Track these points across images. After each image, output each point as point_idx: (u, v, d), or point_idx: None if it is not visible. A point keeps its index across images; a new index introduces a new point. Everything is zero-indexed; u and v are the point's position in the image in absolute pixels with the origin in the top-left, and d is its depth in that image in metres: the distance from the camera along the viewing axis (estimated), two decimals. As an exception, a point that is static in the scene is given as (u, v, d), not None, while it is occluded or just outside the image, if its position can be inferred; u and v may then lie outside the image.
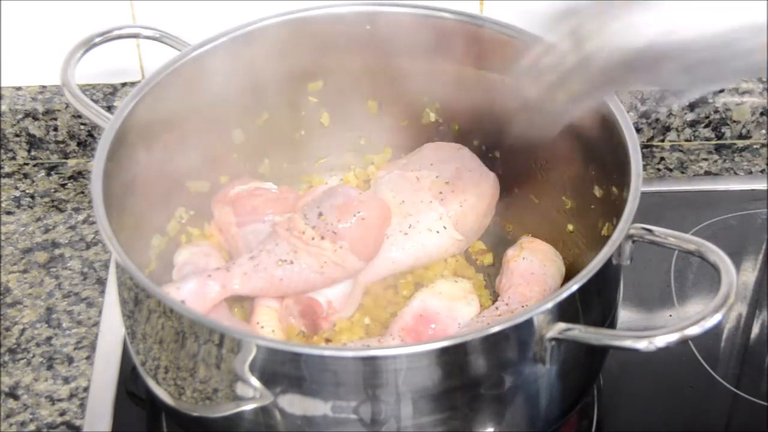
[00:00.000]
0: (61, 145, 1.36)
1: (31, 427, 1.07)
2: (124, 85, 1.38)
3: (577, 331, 0.85)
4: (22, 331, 1.16)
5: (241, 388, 0.87)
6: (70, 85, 1.10)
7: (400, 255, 1.11)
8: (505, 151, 1.18)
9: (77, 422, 1.07)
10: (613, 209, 1.00)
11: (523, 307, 1.05)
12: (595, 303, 0.93)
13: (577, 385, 0.97)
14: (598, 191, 1.06)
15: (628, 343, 0.84)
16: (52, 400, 1.09)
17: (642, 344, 0.83)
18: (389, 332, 1.04)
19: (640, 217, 0.92)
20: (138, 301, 0.92)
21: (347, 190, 1.09)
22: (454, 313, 1.05)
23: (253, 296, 1.06)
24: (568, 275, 1.10)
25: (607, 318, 0.97)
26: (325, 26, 1.14)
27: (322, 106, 1.20)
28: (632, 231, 0.92)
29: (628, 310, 1.16)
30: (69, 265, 1.23)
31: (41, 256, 1.24)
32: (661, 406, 1.08)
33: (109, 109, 1.33)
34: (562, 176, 1.12)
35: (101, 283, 1.21)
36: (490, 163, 1.17)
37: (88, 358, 1.13)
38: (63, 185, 1.34)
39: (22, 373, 1.12)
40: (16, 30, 1.33)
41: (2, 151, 1.36)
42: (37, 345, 1.14)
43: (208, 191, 1.15)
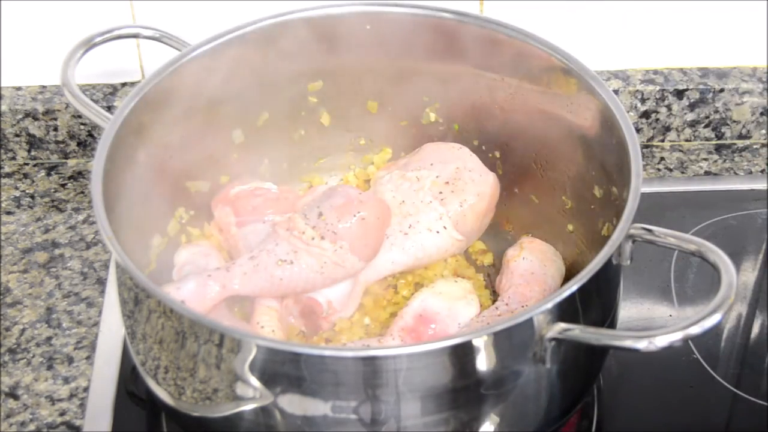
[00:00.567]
0: (61, 145, 1.36)
1: (31, 427, 1.07)
2: (124, 85, 1.38)
3: (577, 331, 0.85)
4: (22, 331, 1.16)
5: (241, 388, 0.87)
6: (70, 85, 1.10)
7: (400, 255, 1.11)
8: (505, 151, 1.18)
9: (77, 422, 1.07)
10: (613, 209, 1.00)
11: (523, 307, 1.04)
12: (595, 303, 0.93)
13: (577, 385, 0.97)
14: (598, 191, 1.06)
15: (628, 343, 0.84)
16: (52, 400, 1.09)
17: (642, 344, 0.83)
18: (389, 332, 1.04)
19: (640, 217, 0.92)
20: (138, 301, 0.92)
21: (347, 190, 1.09)
22: (454, 313, 1.05)
23: (253, 296, 1.06)
24: (568, 275, 1.10)
25: (607, 318, 0.97)
26: (325, 26, 1.14)
27: (322, 106, 1.20)
28: (632, 231, 0.92)
29: (628, 310, 1.16)
30: (69, 265, 1.23)
31: (41, 256, 1.24)
32: (661, 406, 1.08)
33: (109, 109, 1.33)
34: (562, 176, 1.12)
35: (101, 283, 1.21)
36: (490, 163, 1.17)
37: (88, 358, 1.13)
38: (63, 185, 1.34)
39: (22, 373, 1.12)
40: (16, 30, 1.33)
41: (2, 151, 1.36)
42: (37, 345, 1.14)
43: (208, 191, 1.15)
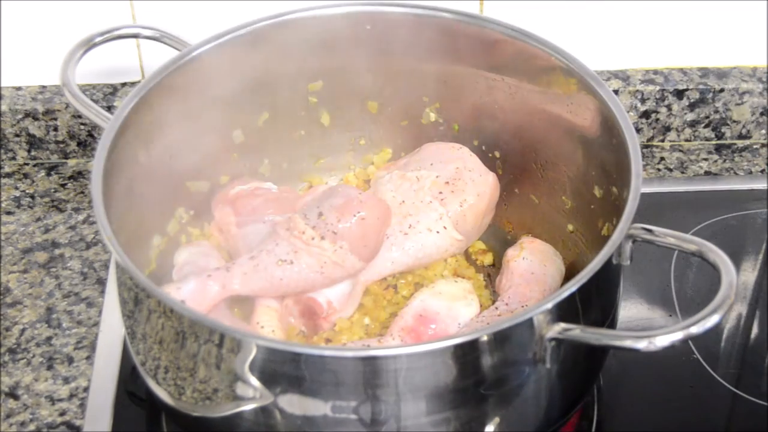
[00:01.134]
0: (61, 145, 1.36)
1: (31, 427, 1.07)
2: (124, 85, 1.38)
3: (577, 331, 0.85)
4: (22, 331, 1.16)
5: (241, 388, 0.87)
6: (70, 85, 1.10)
7: (400, 255, 1.11)
8: (505, 151, 1.18)
9: (77, 422, 1.07)
10: (613, 209, 1.00)
11: (523, 307, 1.04)
12: (595, 303, 0.93)
13: (577, 385, 0.97)
14: (598, 191, 1.06)
15: (628, 343, 0.84)
16: (52, 400, 1.09)
17: (642, 344, 0.83)
18: (389, 332, 1.04)
19: (640, 217, 0.92)
20: (138, 301, 0.92)
21: (347, 190, 1.08)
22: (454, 313, 1.05)
23: (253, 296, 1.06)
24: (568, 275, 1.10)
25: (607, 318, 0.97)
26: (325, 26, 1.14)
27: (322, 106, 1.20)
28: (632, 231, 0.92)
29: (628, 310, 1.16)
30: (69, 265, 1.23)
31: (41, 256, 1.24)
32: (661, 406, 1.08)
33: (109, 109, 1.33)
34: (562, 176, 1.12)
35: (101, 283, 1.21)
36: (490, 163, 1.17)
37: (88, 358, 1.13)
38: (63, 185, 1.34)
39: (22, 373, 1.12)
40: (16, 30, 1.33)
41: (2, 151, 1.36)
42: (37, 345, 1.14)
43: (208, 191, 1.15)
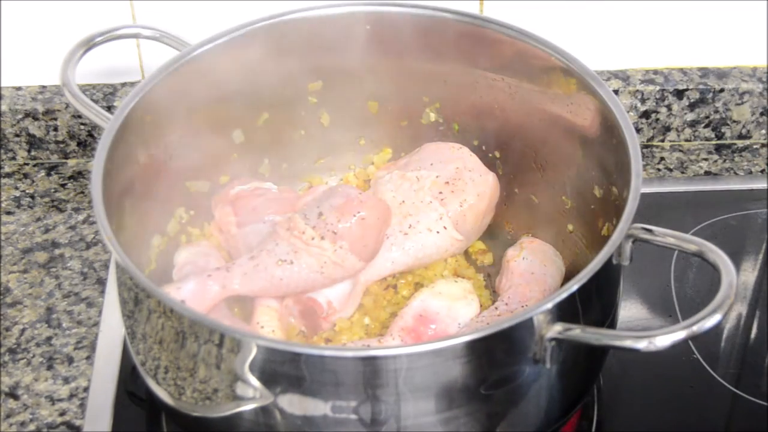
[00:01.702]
0: (61, 145, 1.36)
1: (31, 427, 1.07)
2: (124, 85, 1.38)
3: (577, 331, 0.85)
4: (22, 331, 1.16)
5: (241, 388, 0.87)
6: (70, 85, 1.10)
7: (400, 255, 1.11)
8: (505, 151, 1.18)
9: (77, 422, 1.07)
10: (613, 209, 1.00)
11: (523, 307, 1.04)
12: (595, 303, 0.93)
13: (577, 385, 0.97)
14: (598, 191, 1.06)
15: (628, 343, 0.84)
16: (52, 400, 1.09)
17: (642, 344, 0.83)
18: (389, 332, 1.04)
19: (640, 217, 0.92)
20: (138, 301, 0.92)
21: (347, 190, 1.08)
22: (454, 313, 1.05)
23: (253, 296, 1.06)
24: (568, 275, 1.10)
25: (607, 318, 0.97)
26: (325, 26, 1.14)
27: (322, 106, 1.20)
28: (632, 231, 0.92)
29: (628, 310, 1.16)
30: (69, 265, 1.23)
31: (41, 256, 1.24)
32: (661, 406, 1.08)
33: (109, 109, 1.33)
34: (562, 176, 1.12)
35: (101, 283, 1.21)
36: (490, 163, 1.17)
37: (88, 358, 1.13)
38: (63, 185, 1.34)
39: (22, 373, 1.12)
40: (16, 30, 1.33)
41: (2, 151, 1.36)
42: (37, 345, 1.14)
43: (208, 191, 1.15)
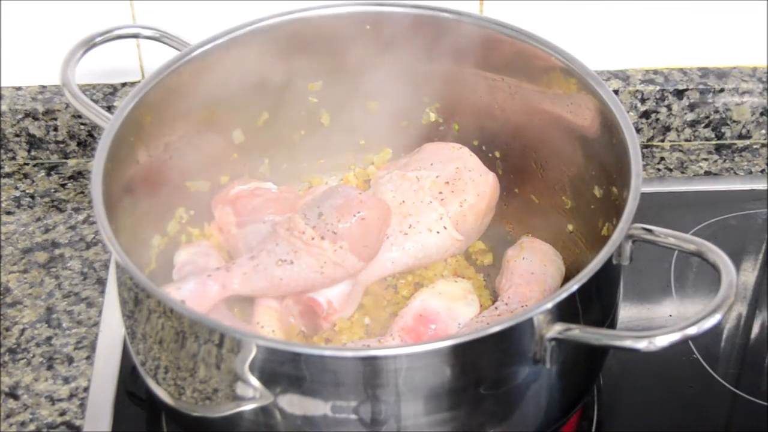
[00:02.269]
0: (61, 145, 1.36)
1: (31, 427, 1.07)
2: (124, 85, 1.38)
3: (577, 331, 0.85)
4: (22, 331, 1.16)
5: (241, 388, 0.87)
6: (70, 85, 1.10)
7: (400, 255, 1.11)
8: (505, 151, 1.18)
9: (77, 422, 1.07)
10: (613, 209, 1.00)
11: (523, 307, 1.04)
12: (595, 303, 0.93)
13: (577, 385, 0.97)
14: (598, 191, 1.06)
15: (628, 343, 0.84)
16: (52, 400, 1.09)
17: (642, 344, 0.83)
18: (389, 332, 1.04)
19: (640, 217, 0.92)
20: (138, 301, 0.92)
21: (347, 190, 1.08)
22: (454, 313, 1.05)
23: (253, 296, 1.06)
24: (568, 275, 1.10)
25: (607, 318, 0.97)
26: (325, 26, 1.14)
27: (322, 106, 1.20)
28: (632, 231, 0.92)
29: (628, 310, 1.16)
30: (69, 265, 1.23)
31: (41, 256, 1.24)
32: (661, 406, 1.08)
33: (109, 109, 1.33)
34: (562, 176, 1.12)
35: (101, 283, 1.21)
36: (490, 163, 1.17)
37: (88, 358, 1.13)
38: (63, 185, 1.34)
39: (22, 373, 1.11)
40: (16, 30, 1.33)
41: (2, 151, 1.36)
42: (37, 345, 1.14)
43: (208, 191, 1.15)
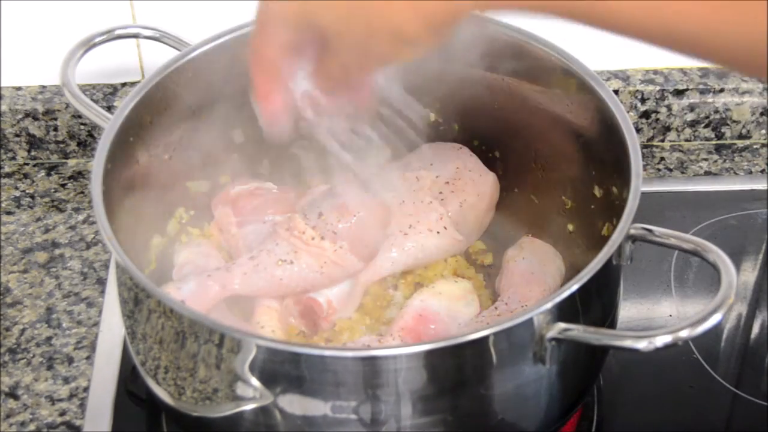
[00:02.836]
0: (61, 145, 1.36)
1: (31, 427, 1.07)
2: (124, 85, 1.38)
3: (577, 331, 0.85)
4: (22, 331, 1.16)
5: (241, 388, 0.87)
6: (70, 85, 1.10)
7: (400, 255, 1.10)
8: (505, 151, 1.18)
9: (77, 422, 1.07)
10: (613, 209, 1.00)
11: (523, 307, 1.04)
12: (595, 303, 0.93)
13: (577, 385, 0.97)
14: (598, 191, 1.06)
15: (628, 343, 0.84)
16: (52, 400, 1.09)
17: (642, 344, 0.83)
18: (389, 332, 1.04)
19: (640, 217, 0.92)
20: (138, 301, 0.92)
21: (347, 190, 1.08)
22: (454, 313, 1.05)
23: (253, 296, 1.06)
24: (568, 275, 1.10)
25: (607, 318, 0.97)
26: (325, 26, 1.13)
27: (322, 106, 1.20)
28: (632, 231, 0.92)
29: (628, 310, 1.16)
30: (69, 265, 1.23)
31: (41, 256, 1.24)
32: (661, 406, 1.08)
33: (109, 109, 1.33)
34: (562, 176, 1.12)
35: (101, 283, 1.21)
36: (490, 163, 1.17)
37: (88, 358, 1.13)
38: (63, 185, 1.34)
39: (22, 373, 1.12)
40: (16, 30, 1.33)
41: (2, 151, 1.36)
42: (37, 345, 1.14)
43: (208, 191, 1.15)
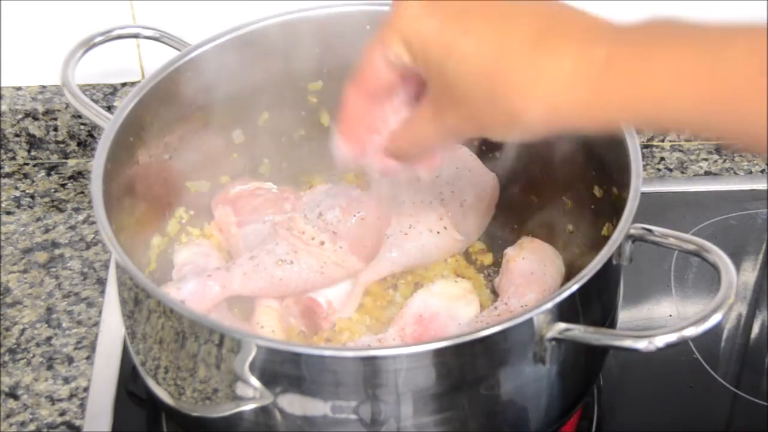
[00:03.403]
0: (61, 145, 1.36)
1: (31, 427, 1.07)
2: (124, 85, 1.38)
3: (577, 331, 0.85)
4: (22, 331, 1.16)
5: (241, 388, 0.87)
6: (70, 85, 1.10)
7: (400, 255, 1.10)
8: (505, 151, 1.18)
9: (77, 422, 1.07)
10: (613, 209, 1.00)
11: (523, 307, 1.04)
12: (595, 303, 0.93)
13: (577, 385, 0.97)
14: (598, 191, 1.06)
15: (628, 343, 0.84)
16: (52, 400, 1.09)
17: (642, 344, 0.83)
18: (389, 332, 1.04)
19: (640, 217, 0.92)
20: (138, 301, 0.92)
21: (347, 190, 1.09)
22: (454, 313, 1.05)
23: (253, 296, 1.06)
24: (568, 275, 1.10)
25: (607, 318, 0.97)
26: (325, 26, 1.13)
27: (322, 106, 1.20)
28: (632, 231, 0.92)
29: (628, 310, 1.16)
30: (69, 265, 1.23)
31: (41, 256, 1.24)
32: (661, 406, 1.08)
33: (109, 109, 1.33)
34: (562, 176, 1.12)
35: (101, 283, 1.21)
36: (490, 163, 1.17)
37: (88, 358, 1.13)
38: (63, 185, 1.34)
39: (22, 373, 1.12)
40: (16, 30, 1.33)
41: (2, 151, 1.36)
42: (37, 345, 1.14)
43: (208, 191, 1.15)
